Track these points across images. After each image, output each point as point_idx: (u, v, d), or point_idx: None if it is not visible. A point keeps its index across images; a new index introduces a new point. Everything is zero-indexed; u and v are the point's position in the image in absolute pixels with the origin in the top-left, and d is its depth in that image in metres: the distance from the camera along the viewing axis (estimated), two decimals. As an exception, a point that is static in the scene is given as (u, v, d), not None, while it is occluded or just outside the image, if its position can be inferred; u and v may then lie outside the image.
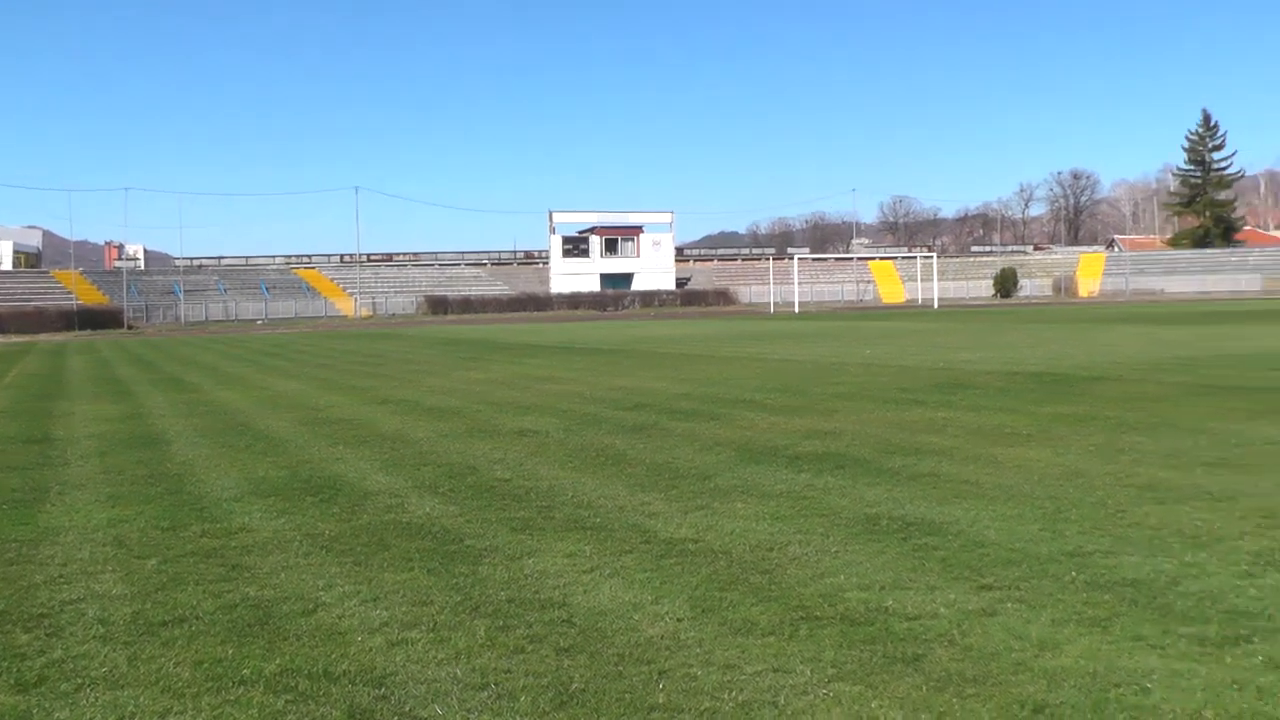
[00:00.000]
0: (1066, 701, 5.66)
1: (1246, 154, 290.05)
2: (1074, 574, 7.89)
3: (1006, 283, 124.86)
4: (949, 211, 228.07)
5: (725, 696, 5.81)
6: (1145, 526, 9.33)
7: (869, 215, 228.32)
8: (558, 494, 11.50)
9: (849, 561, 8.40)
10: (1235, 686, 5.78)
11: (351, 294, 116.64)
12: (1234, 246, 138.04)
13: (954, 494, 10.86)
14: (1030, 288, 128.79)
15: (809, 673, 6.10)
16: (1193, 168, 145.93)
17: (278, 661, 6.48)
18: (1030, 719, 5.49)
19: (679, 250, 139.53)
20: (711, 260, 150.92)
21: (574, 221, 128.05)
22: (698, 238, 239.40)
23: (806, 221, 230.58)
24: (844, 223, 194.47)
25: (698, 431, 15.94)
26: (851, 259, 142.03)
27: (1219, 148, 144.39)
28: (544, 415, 18.58)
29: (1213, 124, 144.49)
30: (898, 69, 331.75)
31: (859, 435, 15.06)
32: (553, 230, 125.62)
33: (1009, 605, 7.20)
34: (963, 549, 8.69)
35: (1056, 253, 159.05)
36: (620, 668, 6.25)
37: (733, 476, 12.20)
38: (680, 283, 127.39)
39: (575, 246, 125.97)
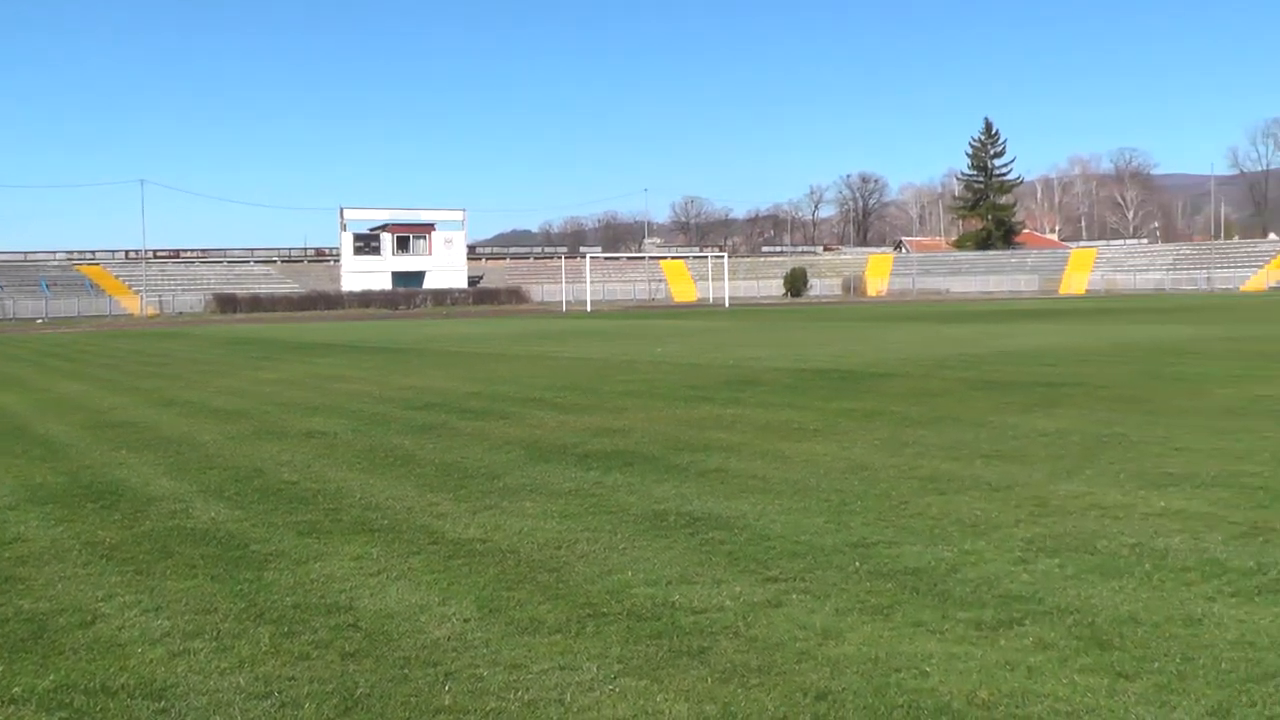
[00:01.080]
0: (849, 688, 5.79)
1: (1025, 161, 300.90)
2: (857, 564, 8.07)
3: (797, 282, 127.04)
4: (740, 212, 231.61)
5: (511, 696, 5.80)
6: (927, 516, 9.60)
7: (661, 215, 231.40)
8: (345, 496, 11.35)
9: (636, 558, 8.46)
10: (1008, 667, 5.99)
11: (137, 292, 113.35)
12: (1014, 248, 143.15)
13: (741, 489, 11.02)
14: (820, 287, 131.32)
15: (595, 669, 6.13)
16: (975, 173, 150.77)
17: (52, 677, 6.27)
18: (813, 706, 5.60)
19: (471, 248, 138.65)
20: (504, 259, 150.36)
21: (366, 219, 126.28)
22: (490, 236, 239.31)
23: (599, 220, 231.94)
24: (636, 222, 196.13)
25: (487, 431, 15.89)
26: (644, 258, 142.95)
27: (1000, 155, 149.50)
28: (333, 416, 18.31)
29: (994, 132, 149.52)
30: (690, 70, 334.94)
31: (648, 432, 15.18)
32: (344, 227, 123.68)
33: (794, 596, 7.33)
34: (749, 542, 8.83)
35: (846, 253, 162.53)
36: (406, 671, 6.20)
37: (522, 475, 12.19)
38: (473, 281, 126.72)
39: (367, 244, 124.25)
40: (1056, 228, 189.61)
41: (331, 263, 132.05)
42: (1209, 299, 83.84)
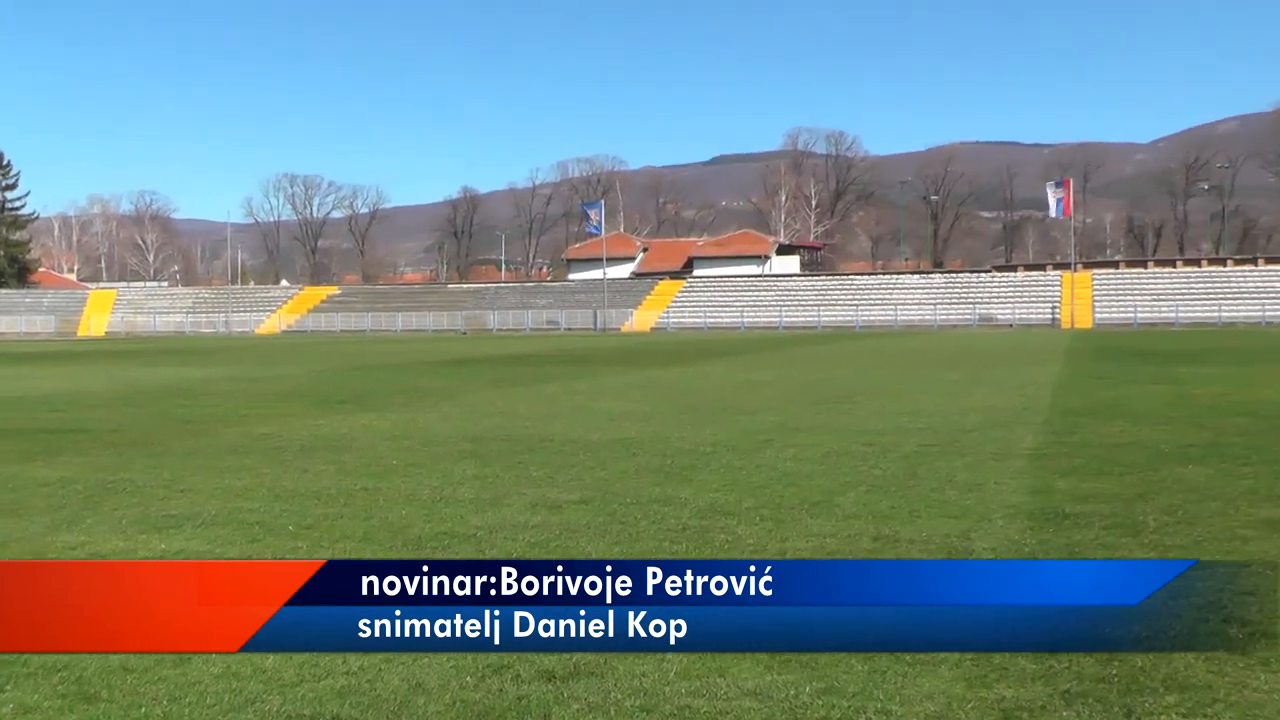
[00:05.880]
0: None
1: (43, 196, 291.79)
2: None
3: None
4: None
5: None
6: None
7: None
8: None
9: None
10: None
11: None
12: (30, 288, 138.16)
13: None
14: None
15: None
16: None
17: None
18: None
19: None
20: None
21: None
22: None
23: None
24: None
25: None
26: None
27: (13, 187, 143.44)
28: None
29: (6, 163, 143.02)
30: None
31: None
32: None
33: None
34: None
35: None
36: None
37: None
38: None
39: None
40: (75, 267, 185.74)
41: None
42: (226, 341, 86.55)
